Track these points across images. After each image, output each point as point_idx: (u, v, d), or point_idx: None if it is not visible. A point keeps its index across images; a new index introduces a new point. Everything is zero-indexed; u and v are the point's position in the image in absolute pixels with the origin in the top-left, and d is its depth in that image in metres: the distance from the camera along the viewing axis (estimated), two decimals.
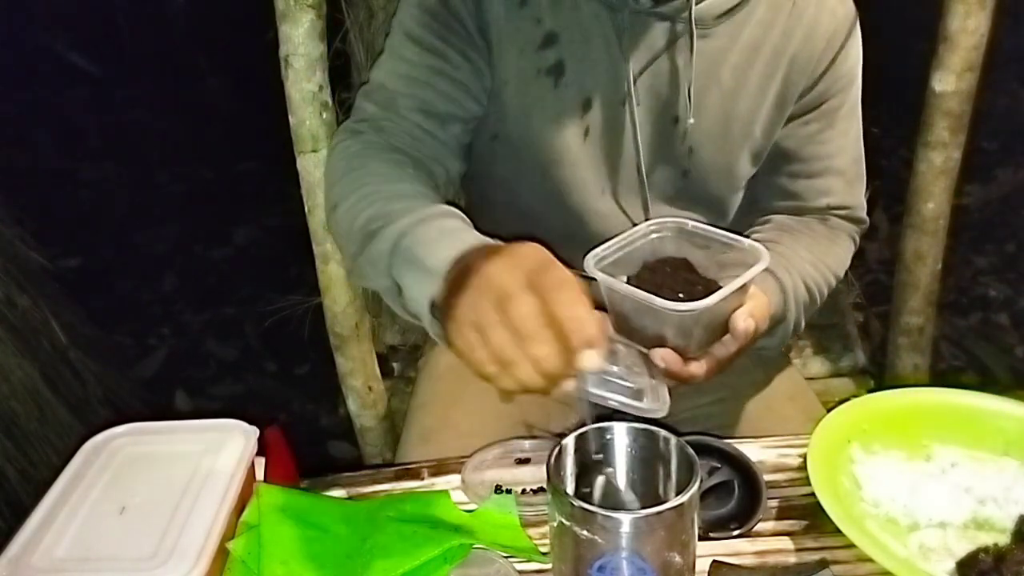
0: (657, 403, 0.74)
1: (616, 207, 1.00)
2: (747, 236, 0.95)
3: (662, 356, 0.77)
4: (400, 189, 0.85)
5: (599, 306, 0.73)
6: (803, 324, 0.97)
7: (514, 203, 1.04)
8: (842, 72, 0.96)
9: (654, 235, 0.85)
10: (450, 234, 0.75)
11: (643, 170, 0.97)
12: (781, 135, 0.98)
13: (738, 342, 0.80)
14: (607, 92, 0.93)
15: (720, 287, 0.77)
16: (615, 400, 0.71)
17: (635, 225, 0.88)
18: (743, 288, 0.78)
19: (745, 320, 0.79)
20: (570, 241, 0.97)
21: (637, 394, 0.74)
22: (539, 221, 1.01)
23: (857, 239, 1.05)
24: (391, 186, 0.85)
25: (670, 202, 1.00)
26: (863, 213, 1.05)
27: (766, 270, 0.82)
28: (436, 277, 0.71)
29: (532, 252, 0.64)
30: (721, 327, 0.79)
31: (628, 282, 0.80)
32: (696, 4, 0.88)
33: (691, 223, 0.85)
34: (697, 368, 0.79)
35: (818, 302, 0.99)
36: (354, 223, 0.83)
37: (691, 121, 0.93)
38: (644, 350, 0.78)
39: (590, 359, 0.60)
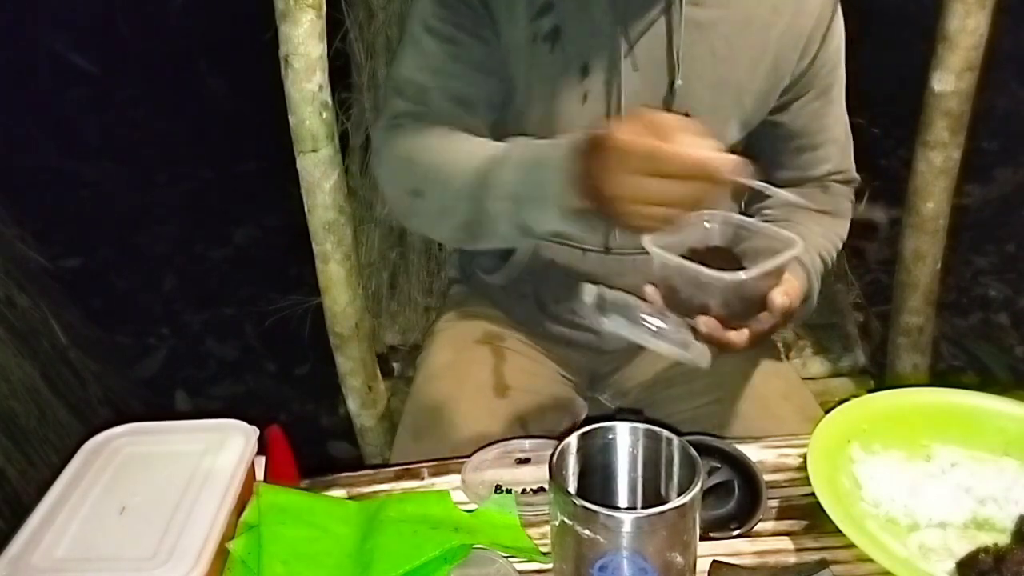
0: (701, 355, 0.84)
1: None
2: (760, 215, 1.06)
3: (705, 322, 0.82)
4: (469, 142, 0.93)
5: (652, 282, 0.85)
6: (814, 298, 1.02)
7: None
8: (832, 49, 1.02)
9: (705, 222, 0.90)
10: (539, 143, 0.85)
11: None
12: (787, 117, 1.04)
13: (774, 318, 0.85)
14: (604, 57, 0.96)
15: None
16: (667, 346, 0.83)
17: None
18: (779, 270, 0.85)
19: (782, 297, 0.84)
20: None
21: (685, 346, 0.84)
22: None
23: (853, 199, 1.13)
24: (461, 144, 0.93)
25: None
26: (855, 173, 1.12)
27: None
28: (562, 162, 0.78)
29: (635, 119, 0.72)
30: (758, 304, 0.85)
31: None
32: None
33: (736, 215, 0.90)
34: (736, 337, 0.85)
35: (830, 268, 1.07)
36: (447, 194, 0.90)
37: (679, 82, 0.96)
38: (690, 320, 0.86)
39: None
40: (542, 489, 0.81)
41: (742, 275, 0.81)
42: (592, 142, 0.75)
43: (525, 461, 0.87)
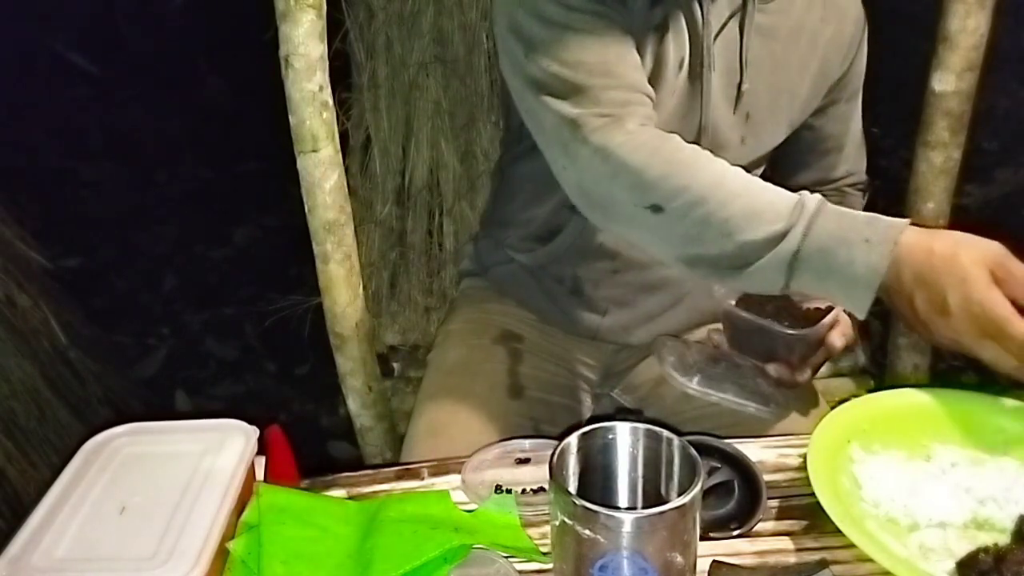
0: (781, 411, 0.97)
1: None
2: None
3: (775, 369, 0.92)
4: (717, 171, 0.84)
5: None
6: None
7: None
8: (863, 57, 1.09)
9: None
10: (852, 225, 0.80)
11: (710, 133, 1.02)
12: (821, 120, 1.09)
13: (831, 355, 0.95)
14: (696, 54, 0.98)
15: (805, 311, 0.95)
16: (753, 406, 0.98)
17: None
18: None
19: (840, 339, 0.94)
20: None
21: (766, 402, 0.97)
22: None
23: (863, 202, 1.19)
24: (711, 174, 0.84)
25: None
26: (865, 174, 1.19)
27: None
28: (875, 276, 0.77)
29: (984, 255, 0.75)
30: (817, 343, 0.94)
31: (735, 305, 0.96)
32: None
33: None
34: (801, 376, 0.94)
35: None
36: (710, 228, 0.81)
37: (747, 85, 0.99)
38: (759, 364, 0.97)
39: None
40: (542, 489, 0.81)
41: (809, 332, 0.90)
42: (947, 254, 0.75)
43: (525, 461, 0.87)
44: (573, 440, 0.66)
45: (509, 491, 0.81)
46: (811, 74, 1.04)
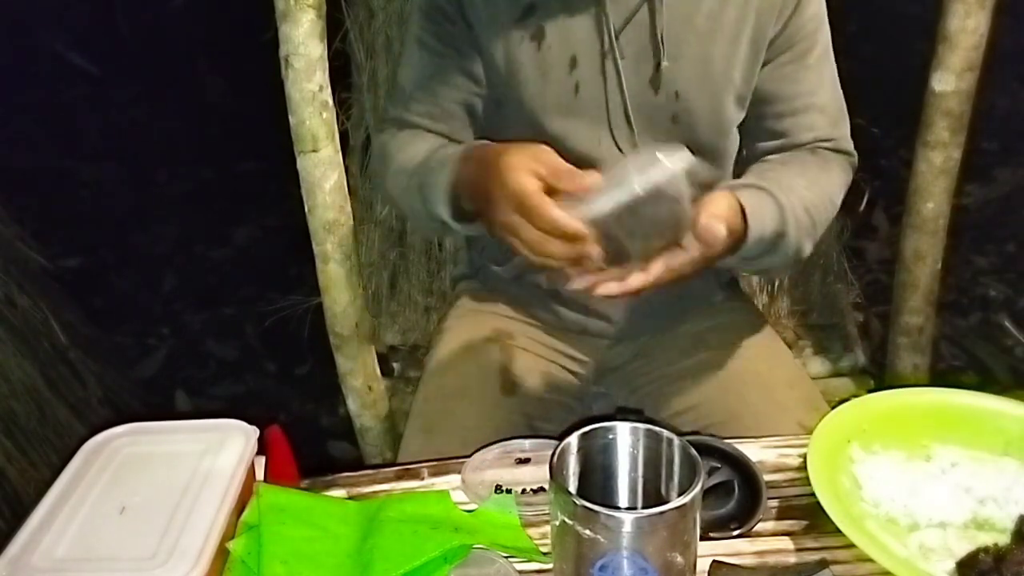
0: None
1: (615, 152, 1.03)
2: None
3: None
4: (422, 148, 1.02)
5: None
6: (807, 249, 0.98)
7: None
8: (808, 15, 1.01)
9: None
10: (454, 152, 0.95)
11: (631, 118, 1.01)
12: (760, 80, 1.04)
13: (702, 248, 0.79)
14: (591, 48, 0.99)
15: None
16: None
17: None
18: (662, 193, 0.74)
19: (708, 220, 0.77)
20: None
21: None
22: None
23: (850, 171, 1.08)
24: (416, 149, 1.02)
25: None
26: (850, 147, 1.08)
27: (760, 189, 0.92)
28: (447, 173, 0.92)
29: (522, 153, 0.79)
30: (665, 232, 0.78)
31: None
32: None
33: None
34: (638, 280, 0.79)
35: (818, 227, 0.99)
36: (406, 191, 1.00)
37: (666, 63, 0.98)
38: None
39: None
40: (542, 489, 0.81)
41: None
42: (492, 159, 0.82)
43: (525, 461, 0.87)
44: (573, 440, 0.66)
45: (509, 491, 0.81)
46: (745, 39, 1.00)
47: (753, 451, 0.85)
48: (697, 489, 0.59)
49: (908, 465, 0.81)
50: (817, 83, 1.05)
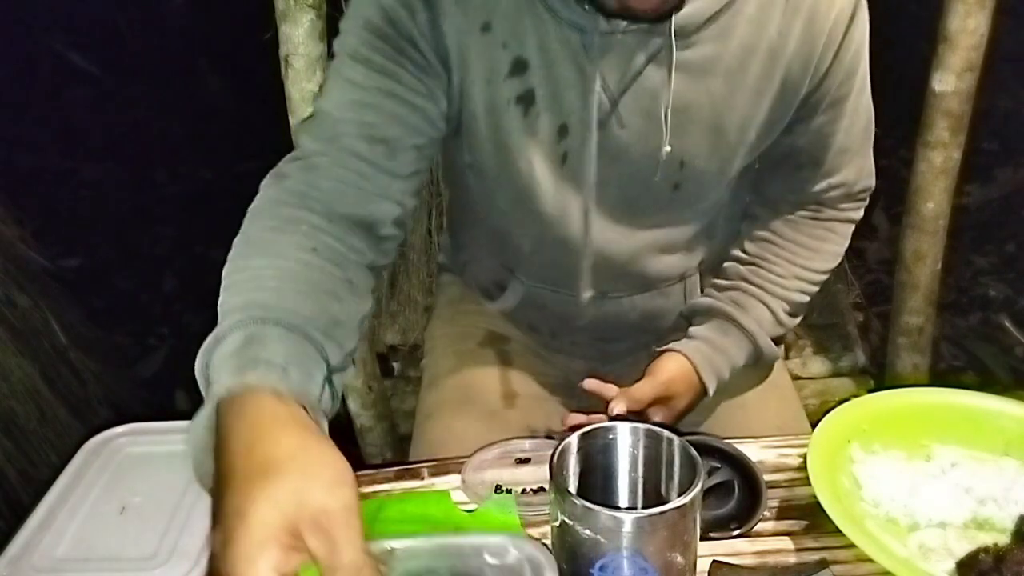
0: None
1: (602, 228, 0.95)
2: (732, 258, 1.04)
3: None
4: (255, 275, 0.76)
5: None
6: (795, 323, 1.02)
7: (494, 226, 1.04)
8: (847, 61, 0.88)
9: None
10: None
11: (628, 192, 0.92)
12: (790, 136, 0.93)
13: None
14: (583, 116, 0.86)
15: None
16: None
17: (619, 247, 0.96)
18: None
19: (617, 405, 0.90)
20: (552, 264, 1.01)
21: None
22: (520, 244, 1.01)
23: (856, 215, 1.03)
24: (250, 269, 0.77)
25: (658, 216, 0.97)
26: (866, 179, 1.00)
27: (733, 322, 0.98)
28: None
29: (289, 504, 0.49)
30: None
31: None
32: (676, 16, 0.80)
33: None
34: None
35: (806, 303, 1.03)
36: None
37: (667, 149, 0.86)
38: None
39: None
40: (542, 489, 0.81)
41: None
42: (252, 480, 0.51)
43: (525, 461, 0.87)
44: (573, 440, 0.66)
45: (509, 491, 0.81)
46: (770, 99, 0.88)
47: (753, 451, 0.85)
48: (697, 489, 0.59)
49: (908, 465, 0.81)
50: (850, 123, 0.94)
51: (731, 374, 0.99)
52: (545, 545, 0.64)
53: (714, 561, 0.72)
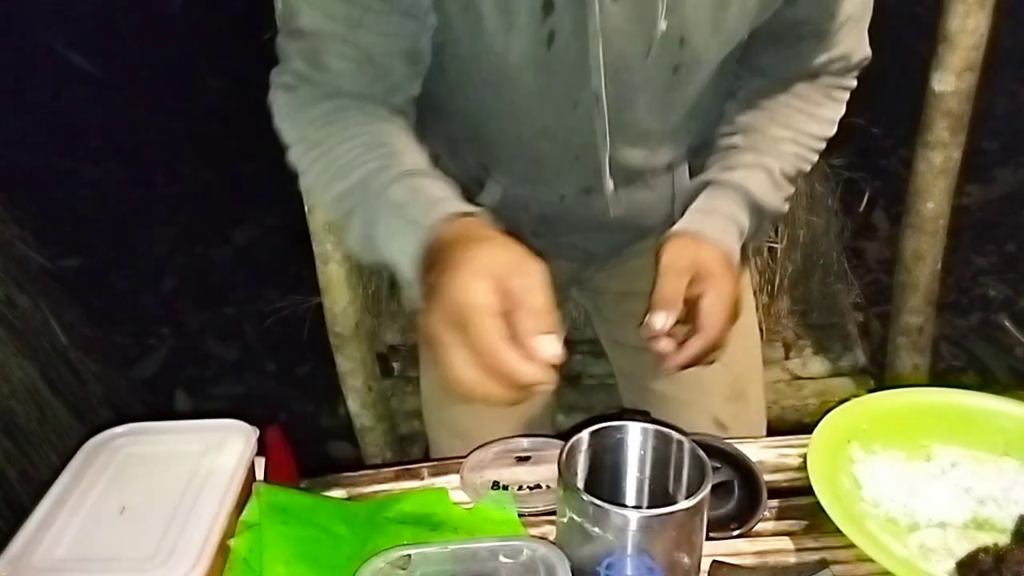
0: None
1: (587, 120, 0.86)
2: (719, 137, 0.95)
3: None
4: (350, 154, 0.80)
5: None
6: (792, 190, 0.94)
7: (472, 123, 0.93)
8: None
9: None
10: (410, 223, 0.72)
11: (622, 75, 0.83)
12: (792, 7, 0.86)
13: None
14: None
15: None
16: None
17: (604, 139, 0.85)
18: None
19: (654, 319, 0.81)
20: (534, 162, 0.93)
21: None
22: (499, 136, 0.92)
23: (852, 83, 0.97)
24: (343, 151, 0.80)
25: (654, 105, 0.89)
26: (864, 51, 0.94)
27: (719, 183, 0.90)
28: (412, 263, 0.72)
29: (497, 258, 0.62)
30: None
31: None
32: None
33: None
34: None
35: (805, 170, 0.96)
36: (326, 199, 0.83)
37: (663, 25, 0.78)
38: None
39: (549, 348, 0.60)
40: (539, 487, 0.81)
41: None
42: (455, 249, 0.64)
43: (524, 459, 0.87)
44: (583, 437, 0.66)
45: (506, 487, 0.81)
46: None
47: (753, 451, 0.85)
48: (707, 490, 0.60)
49: (908, 465, 0.81)
50: None
51: (743, 235, 0.89)
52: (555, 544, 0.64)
53: (714, 561, 0.72)
